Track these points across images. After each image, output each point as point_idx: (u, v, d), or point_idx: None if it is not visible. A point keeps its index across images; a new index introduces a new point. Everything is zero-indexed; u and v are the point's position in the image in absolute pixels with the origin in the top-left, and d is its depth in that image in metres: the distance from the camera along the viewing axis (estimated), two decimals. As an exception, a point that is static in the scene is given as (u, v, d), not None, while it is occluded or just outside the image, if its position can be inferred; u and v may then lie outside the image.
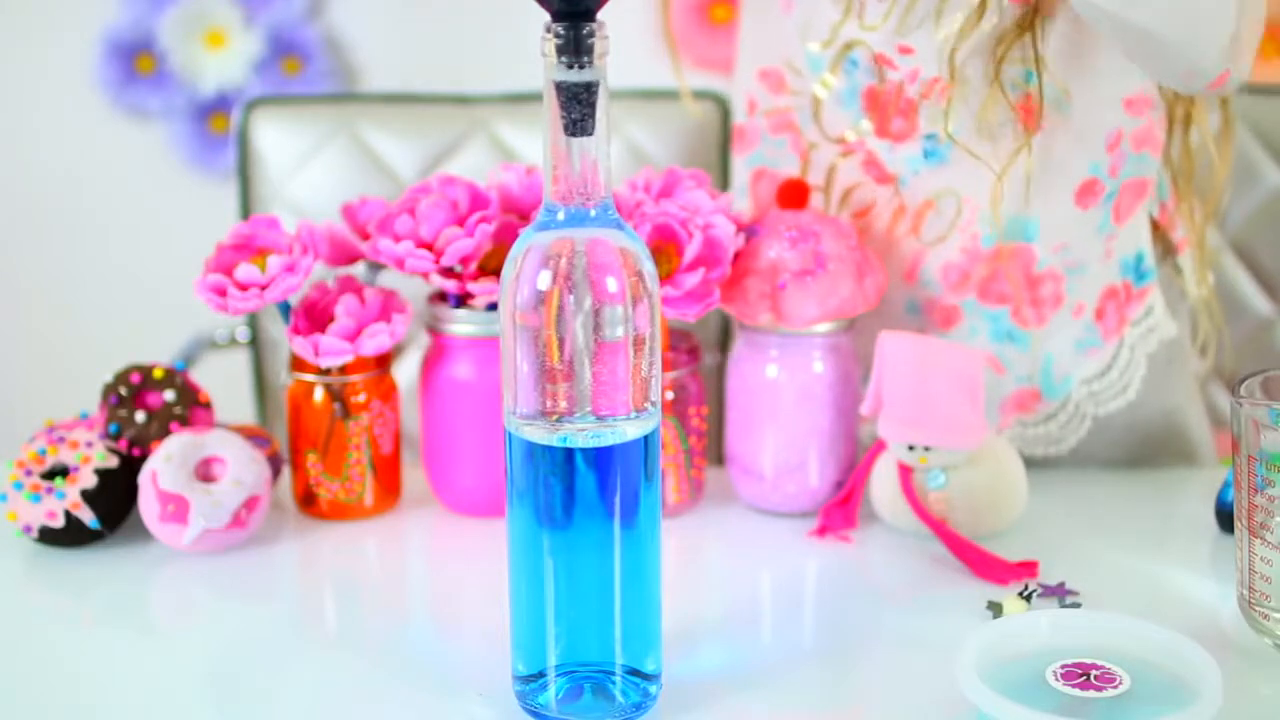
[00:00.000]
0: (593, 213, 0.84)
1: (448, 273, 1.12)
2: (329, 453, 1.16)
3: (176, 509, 1.09)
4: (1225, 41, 1.06)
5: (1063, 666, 0.86)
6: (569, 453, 0.85)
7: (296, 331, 1.14)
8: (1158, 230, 1.24)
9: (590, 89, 0.82)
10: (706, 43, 2.30)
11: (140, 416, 1.14)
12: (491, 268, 1.14)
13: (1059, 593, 1.03)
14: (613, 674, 0.88)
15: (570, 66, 0.81)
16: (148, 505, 1.10)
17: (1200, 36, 1.06)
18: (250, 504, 1.11)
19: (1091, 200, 1.17)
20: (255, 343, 1.72)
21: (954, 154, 1.16)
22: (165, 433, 1.14)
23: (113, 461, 1.12)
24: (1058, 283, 1.19)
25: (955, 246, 1.19)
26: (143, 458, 1.14)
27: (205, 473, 1.12)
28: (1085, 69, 1.14)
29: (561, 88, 0.82)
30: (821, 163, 1.22)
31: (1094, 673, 0.85)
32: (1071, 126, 1.15)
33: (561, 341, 0.83)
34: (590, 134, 0.82)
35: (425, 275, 1.11)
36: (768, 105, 1.24)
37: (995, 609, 1.01)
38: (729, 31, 2.18)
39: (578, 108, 0.82)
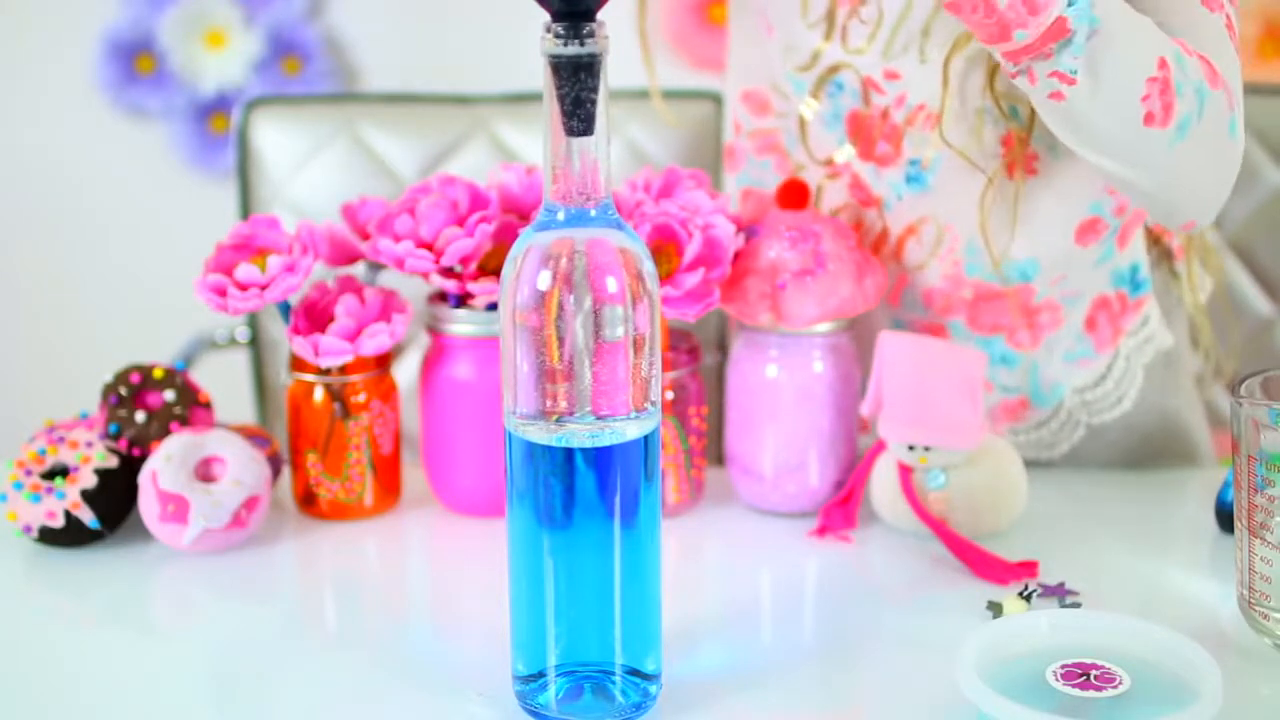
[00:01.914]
0: (593, 213, 0.84)
1: (448, 273, 1.12)
2: (329, 453, 1.16)
3: (176, 509, 1.09)
4: (1213, 206, 1.07)
5: (1063, 666, 0.86)
6: (569, 453, 0.85)
7: (296, 331, 1.14)
8: (1153, 237, 1.24)
9: (590, 64, 0.81)
10: (705, 43, 2.31)
11: (140, 416, 1.14)
12: (491, 268, 1.14)
13: (1059, 593, 1.03)
14: (613, 674, 0.88)
15: (569, 43, 0.81)
16: (148, 505, 1.10)
17: (1192, 198, 1.06)
18: (250, 504, 1.11)
19: (1093, 238, 1.17)
20: (255, 343, 1.72)
21: (937, 181, 1.16)
22: (165, 433, 1.14)
23: (113, 461, 1.12)
24: (1055, 311, 1.19)
25: (937, 274, 1.19)
26: (143, 458, 1.14)
27: (205, 473, 1.12)
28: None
29: (560, 64, 0.81)
30: (809, 184, 1.22)
31: (1094, 673, 0.85)
32: (1069, 169, 1.15)
33: (561, 341, 0.83)
34: (590, 134, 0.82)
35: (425, 275, 1.11)
36: (750, 127, 1.24)
37: (995, 609, 1.01)
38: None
39: (577, 94, 0.82)
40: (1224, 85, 1.02)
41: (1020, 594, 1.02)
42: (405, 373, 1.58)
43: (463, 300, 1.15)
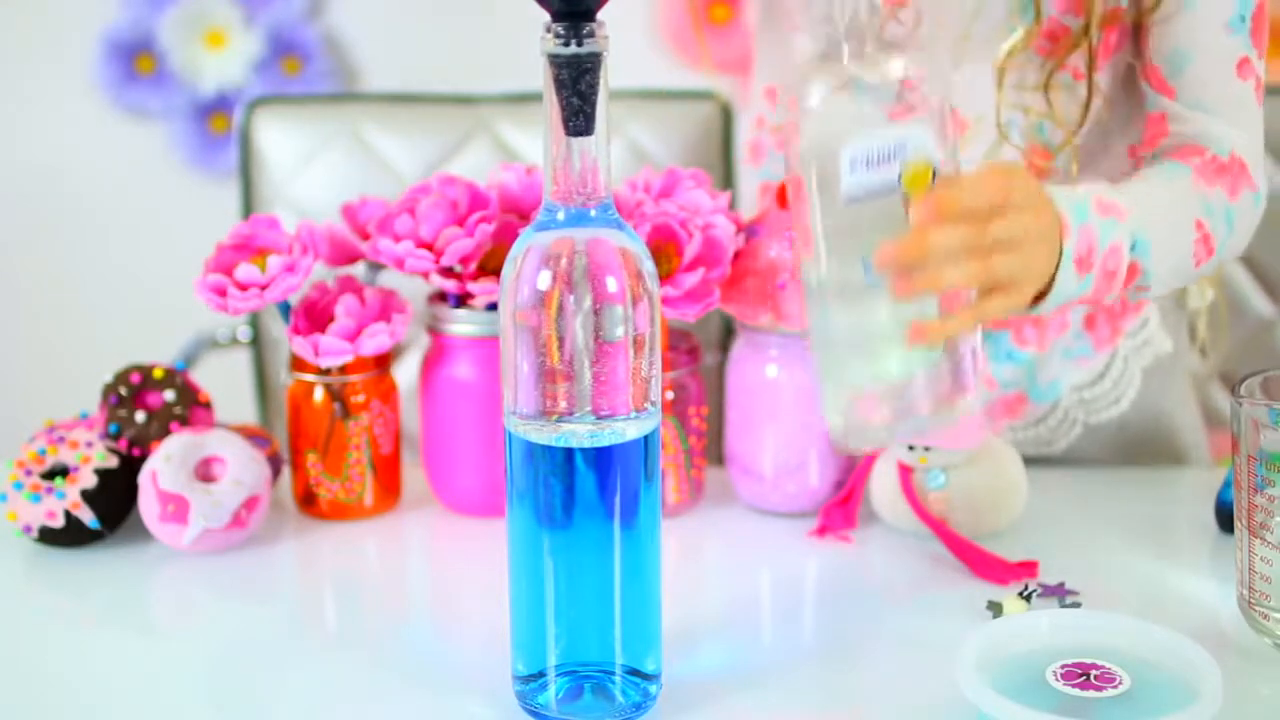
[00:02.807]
0: (593, 213, 0.84)
1: (448, 273, 1.12)
2: (329, 453, 1.16)
3: (176, 509, 1.09)
4: (1242, 249, 1.15)
5: (1063, 666, 0.86)
6: (569, 453, 0.85)
7: (296, 331, 1.14)
8: None
9: (590, 64, 0.81)
10: (706, 43, 2.30)
11: (140, 416, 1.14)
12: (491, 268, 1.14)
13: (1059, 593, 1.03)
14: (613, 674, 0.88)
15: (569, 43, 0.81)
16: (148, 505, 1.10)
17: (1225, 261, 1.13)
18: (250, 504, 1.11)
19: None
20: (256, 342, 1.72)
21: None
22: (165, 433, 1.14)
23: (113, 461, 1.12)
24: (1063, 312, 1.20)
25: None
26: (143, 458, 1.14)
27: (205, 473, 1.12)
28: (1095, 123, 1.15)
29: (560, 63, 0.81)
30: None
31: (1094, 673, 0.85)
32: (1079, 176, 1.16)
33: (561, 341, 0.83)
34: (590, 134, 0.82)
35: (425, 275, 1.11)
36: (773, 121, 1.25)
37: (995, 609, 1.01)
38: (728, 31, 2.18)
39: (577, 93, 0.82)
40: (1244, 184, 1.09)
41: (1020, 594, 1.02)
42: (405, 373, 1.58)
43: (463, 300, 1.15)
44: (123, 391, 1.15)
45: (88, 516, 1.10)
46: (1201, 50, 1.10)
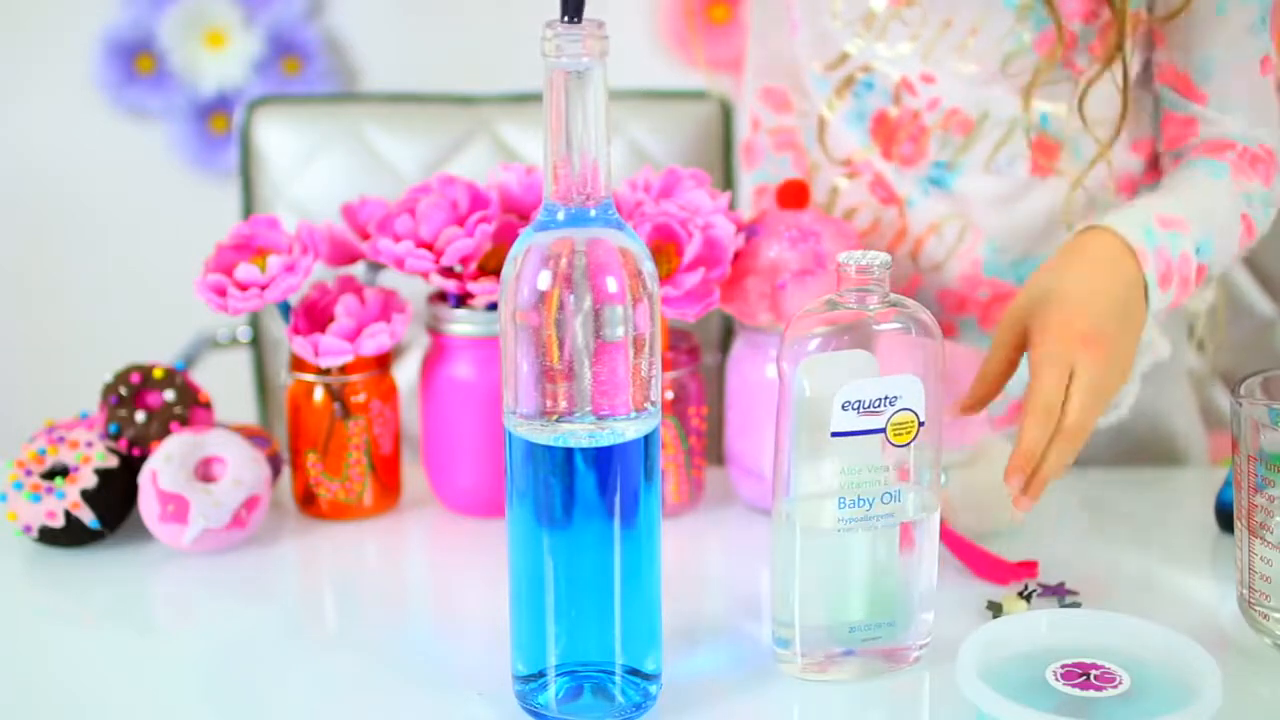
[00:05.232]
0: (593, 213, 0.84)
1: (448, 273, 1.12)
2: (329, 453, 1.16)
3: (176, 509, 1.09)
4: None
5: (1063, 666, 0.86)
6: (569, 453, 0.85)
7: (296, 331, 1.14)
8: None
9: None
10: (705, 42, 2.30)
11: (140, 416, 1.14)
12: (491, 268, 1.14)
13: (1059, 593, 1.03)
14: (613, 674, 0.88)
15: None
16: (148, 505, 1.10)
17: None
18: (250, 504, 1.11)
19: None
20: (257, 342, 1.72)
21: (958, 183, 1.18)
22: (165, 433, 1.14)
23: (113, 461, 1.12)
24: None
25: (955, 273, 1.20)
26: (143, 458, 1.14)
27: (205, 473, 1.12)
28: (1101, 121, 1.15)
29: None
30: (824, 184, 1.22)
31: (1094, 673, 0.85)
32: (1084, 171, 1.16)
33: (561, 341, 0.83)
34: (579, 20, 0.82)
35: (425, 275, 1.11)
36: (771, 124, 1.25)
37: (995, 609, 1.01)
38: (727, 31, 2.19)
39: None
40: (1275, 172, 1.16)
41: (1020, 594, 1.02)
42: (405, 373, 1.58)
43: (463, 300, 1.15)
44: (123, 391, 1.15)
45: (88, 516, 1.10)
46: (1231, 55, 1.13)
